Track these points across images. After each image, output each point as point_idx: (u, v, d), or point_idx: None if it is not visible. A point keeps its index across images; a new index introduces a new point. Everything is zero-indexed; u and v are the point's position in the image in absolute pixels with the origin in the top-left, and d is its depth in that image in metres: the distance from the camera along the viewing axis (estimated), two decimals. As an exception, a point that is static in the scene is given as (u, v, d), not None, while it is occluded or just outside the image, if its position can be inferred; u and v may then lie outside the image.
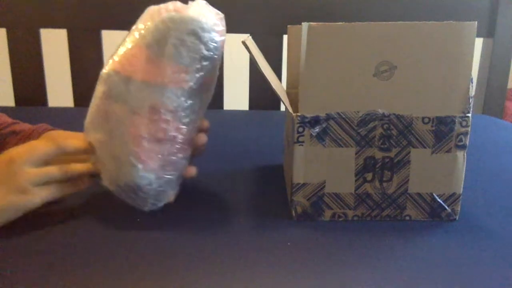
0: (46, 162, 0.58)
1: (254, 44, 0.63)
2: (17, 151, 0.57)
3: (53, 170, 0.58)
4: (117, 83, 0.57)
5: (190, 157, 0.64)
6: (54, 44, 1.43)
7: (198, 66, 0.57)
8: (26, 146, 0.59)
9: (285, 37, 1.19)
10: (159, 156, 0.58)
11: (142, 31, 0.56)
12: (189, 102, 0.58)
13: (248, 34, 0.61)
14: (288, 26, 0.80)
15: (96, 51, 1.32)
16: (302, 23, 0.56)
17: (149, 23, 0.56)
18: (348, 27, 0.56)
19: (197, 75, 0.58)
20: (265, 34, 1.30)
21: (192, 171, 0.65)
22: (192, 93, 0.58)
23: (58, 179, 0.58)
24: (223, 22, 0.60)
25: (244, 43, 0.59)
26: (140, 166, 0.57)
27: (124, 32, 0.60)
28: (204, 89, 0.61)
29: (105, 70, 0.58)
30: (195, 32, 0.55)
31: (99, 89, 0.59)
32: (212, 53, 0.58)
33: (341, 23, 0.56)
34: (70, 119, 0.79)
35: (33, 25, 1.32)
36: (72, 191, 0.61)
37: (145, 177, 0.57)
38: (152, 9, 0.58)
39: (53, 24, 1.31)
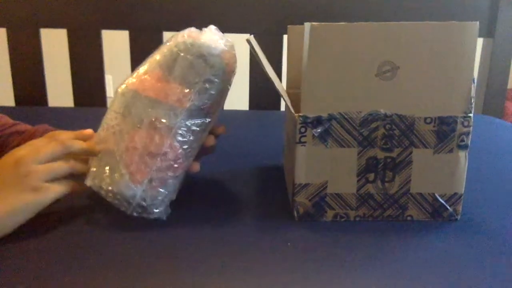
0: (52, 161, 0.58)
1: (256, 43, 0.63)
2: (23, 152, 0.57)
3: (61, 165, 0.58)
4: (128, 98, 0.60)
5: (198, 156, 0.65)
6: (54, 44, 1.42)
7: (202, 88, 0.59)
8: (30, 146, 0.58)
9: (285, 37, 1.19)
10: (148, 169, 0.58)
11: (160, 54, 0.61)
12: (188, 122, 0.60)
13: (249, 34, 0.61)
14: (288, 26, 0.80)
15: (96, 51, 1.32)
16: (305, 23, 0.56)
17: (167, 45, 0.61)
18: (350, 27, 0.56)
19: (199, 96, 0.60)
20: (265, 34, 1.30)
21: (196, 166, 0.65)
22: (192, 114, 0.60)
23: (67, 174, 0.59)
24: (233, 49, 0.62)
25: (248, 41, 0.59)
26: (127, 176, 0.58)
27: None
28: (208, 112, 0.62)
29: (122, 86, 0.61)
30: (203, 56, 0.58)
31: (114, 103, 0.61)
32: (217, 78, 0.60)
33: (343, 23, 0.56)
34: (70, 119, 0.79)
35: (33, 25, 1.31)
36: (80, 189, 0.60)
37: (130, 188, 0.58)
38: (173, 35, 0.62)
39: (53, 24, 1.31)
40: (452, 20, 0.57)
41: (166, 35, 0.83)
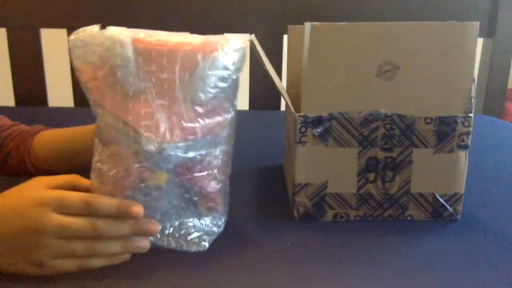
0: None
1: (258, 43, 0.63)
2: (46, 220, 0.46)
3: (79, 248, 0.48)
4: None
5: None
6: (54, 44, 1.42)
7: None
8: (59, 218, 0.47)
9: (285, 37, 1.19)
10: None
11: None
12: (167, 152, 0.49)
13: (249, 34, 0.61)
14: (288, 26, 0.80)
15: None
16: (305, 22, 0.56)
17: None
18: (350, 27, 0.56)
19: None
20: (265, 34, 1.30)
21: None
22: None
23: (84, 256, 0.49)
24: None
25: (251, 40, 0.59)
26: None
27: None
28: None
29: None
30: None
31: None
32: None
33: (343, 23, 0.56)
34: (70, 119, 0.79)
35: (33, 25, 1.31)
36: (97, 265, 0.50)
37: None
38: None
39: (53, 24, 1.31)
40: (452, 20, 0.57)
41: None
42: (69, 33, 0.48)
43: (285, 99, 0.63)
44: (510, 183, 0.78)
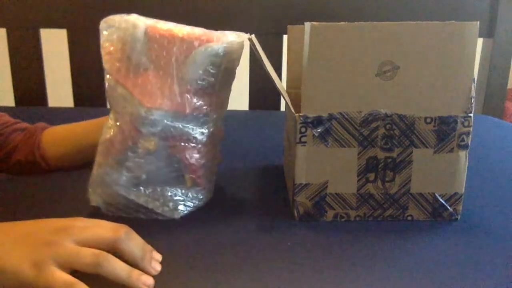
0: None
1: (258, 43, 0.63)
2: (62, 250, 0.45)
3: (88, 258, 0.45)
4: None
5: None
6: (54, 44, 1.43)
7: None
8: (78, 247, 0.46)
9: (285, 37, 1.19)
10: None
11: None
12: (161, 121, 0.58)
13: (249, 34, 0.61)
14: (288, 26, 0.80)
15: (96, 51, 1.32)
16: (305, 22, 0.56)
17: None
18: (350, 27, 0.56)
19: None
20: (265, 34, 1.30)
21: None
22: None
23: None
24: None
25: (250, 40, 0.59)
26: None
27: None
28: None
29: None
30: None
31: None
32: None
33: (343, 22, 0.56)
34: (70, 119, 0.79)
35: (33, 25, 1.32)
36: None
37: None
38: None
39: (53, 24, 1.31)
40: (452, 20, 0.57)
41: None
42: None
43: (285, 99, 0.63)
44: (510, 183, 0.78)
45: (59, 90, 1.46)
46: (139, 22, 0.57)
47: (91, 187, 0.60)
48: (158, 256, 0.52)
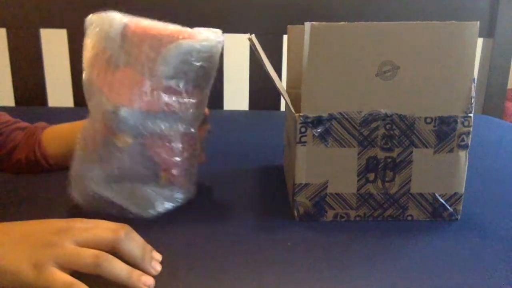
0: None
1: (258, 42, 0.63)
2: (61, 251, 0.45)
3: (88, 258, 0.45)
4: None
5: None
6: (54, 44, 1.43)
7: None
8: (76, 248, 0.46)
9: (285, 37, 1.19)
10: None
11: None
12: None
13: (249, 34, 0.61)
14: (288, 26, 0.80)
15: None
16: (305, 22, 0.56)
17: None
18: (350, 27, 0.56)
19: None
20: (265, 34, 1.30)
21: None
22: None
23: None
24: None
25: (250, 40, 0.59)
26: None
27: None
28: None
29: None
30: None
31: None
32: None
33: (343, 23, 0.56)
34: (70, 119, 0.79)
35: (33, 25, 1.31)
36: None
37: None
38: None
39: (53, 24, 1.31)
40: (452, 20, 0.57)
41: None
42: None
43: (285, 99, 0.63)
44: (510, 183, 0.78)
45: (59, 90, 1.46)
46: (117, 20, 0.57)
47: (71, 183, 0.60)
48: (158, 256, 0.52)
